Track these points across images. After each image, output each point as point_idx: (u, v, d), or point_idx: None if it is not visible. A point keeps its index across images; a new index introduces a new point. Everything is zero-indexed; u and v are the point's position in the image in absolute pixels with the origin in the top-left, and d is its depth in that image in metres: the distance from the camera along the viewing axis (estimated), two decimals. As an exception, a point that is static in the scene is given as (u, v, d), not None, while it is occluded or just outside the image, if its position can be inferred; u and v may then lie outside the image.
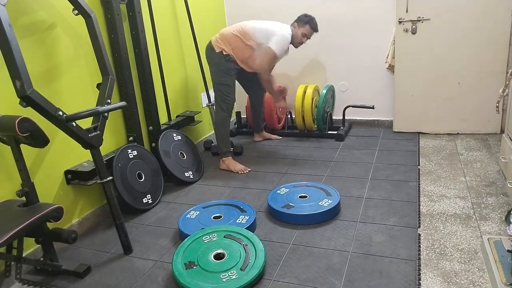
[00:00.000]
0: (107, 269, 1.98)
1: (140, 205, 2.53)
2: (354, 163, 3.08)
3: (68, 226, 2.28)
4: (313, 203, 2.35)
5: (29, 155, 2.00)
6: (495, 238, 1.83)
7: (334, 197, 2.40)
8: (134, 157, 2.58)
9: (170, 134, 3.02)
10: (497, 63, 3.25)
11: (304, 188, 2.58)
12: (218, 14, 3.99)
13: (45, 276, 1.95)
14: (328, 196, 2.43)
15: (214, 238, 2.02)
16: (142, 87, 2.83)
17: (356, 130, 3.89)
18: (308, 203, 2.36)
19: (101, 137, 1.99)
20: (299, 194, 2.49)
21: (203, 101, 3.66)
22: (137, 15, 2.68)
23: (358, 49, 3.76)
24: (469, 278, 1.69)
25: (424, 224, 2.14)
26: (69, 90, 2.27)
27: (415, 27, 3.36)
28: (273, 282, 1.78)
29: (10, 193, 1.92)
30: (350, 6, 3.67)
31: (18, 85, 1.60)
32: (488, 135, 3.40)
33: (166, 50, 3.12)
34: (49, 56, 2.15)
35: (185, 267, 1.82)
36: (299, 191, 2.53)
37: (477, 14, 3.19)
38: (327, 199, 2.39)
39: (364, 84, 3.83)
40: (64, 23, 2.23)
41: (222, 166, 3.16)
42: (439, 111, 3.50)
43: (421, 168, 2.87)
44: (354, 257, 1.91)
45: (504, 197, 2.35)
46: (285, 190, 2.56)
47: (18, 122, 1.61)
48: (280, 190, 2.57)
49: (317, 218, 2.24)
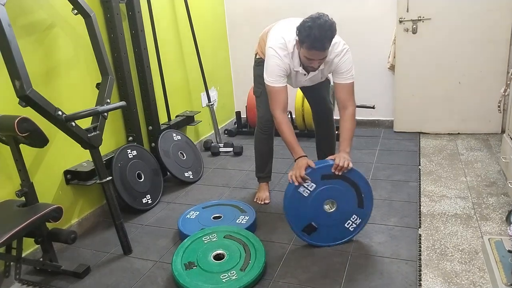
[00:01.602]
0: (106, 270, 1.98)
1: (140, 205, 2.53)
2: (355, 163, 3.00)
3: (67, 226, 2.27)
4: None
5: (29, 155, 1.99)
6: (495, 238, 1.83)
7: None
8: (133, 157, 2.58)
9: (170, 134, 3.01)
10: (498, 63, 3.24)
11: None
12: (218, 14, 3.98)
13: (45, 277, 1.95)
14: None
15: (214, 238, 2.01)
16: (142, 87, 2.82)
17: (357, 130, 3.82)
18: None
19: (100, 137, 1.98)
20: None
21: (203, 101, 3.66)
22: (136, 15, 2.67)
23: (358, 48, 3.73)
24: (470, 279, 1.69)
25: (425, 225, 2.13)
26: (69, 90, 2.26)
27: (415, 27, 3.35)
28: (273, 283, 1.78)
29: (10, 193, 1.91)
30: (351, 5, 3.66)
31: (18, 85, 1.59)
32: (489, 135, 3.39)
33: (165, 50, 3.11)
34: (49, 56, 2.14)
35: (184, 268, 1.81)
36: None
37: (478, 14, 3.19)
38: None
39: (364, 84, 3.81)
40: (63, 23, 2.22)
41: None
42: (439, 111, 3.50)
43: (421, 168, 2.86)
44: (355, 258, 1.91)
45: (505, 197, 2.34)
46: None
47: (18, 122, 1.61)
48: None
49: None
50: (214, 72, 3.83)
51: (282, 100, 2.09)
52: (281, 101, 2.09)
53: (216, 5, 3.94)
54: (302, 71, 2.10)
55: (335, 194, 1.97)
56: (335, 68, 2.09)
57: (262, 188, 2.61)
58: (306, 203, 1.95)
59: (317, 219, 1.98)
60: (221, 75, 4.02)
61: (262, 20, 3.14)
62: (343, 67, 2.08)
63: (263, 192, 2.58)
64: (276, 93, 2.09)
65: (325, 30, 1.83)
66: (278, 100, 2.09)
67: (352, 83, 2.13)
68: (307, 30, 1.85)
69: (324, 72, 2.17)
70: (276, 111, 2.10)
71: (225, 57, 4.13)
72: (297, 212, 1.97)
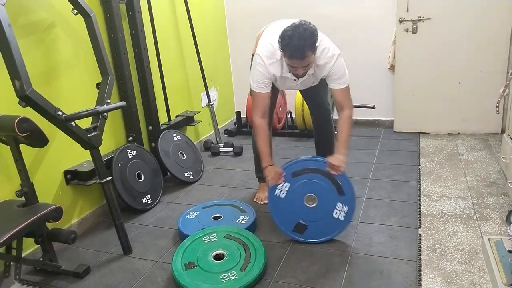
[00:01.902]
0: (106, 270, 1.98)
1: (140, 205, 2.53)
2: (355, 163, 3.07)
3: (67, 226, 2.27)
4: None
5: (29, 155, 1.99)
6: (495, 238, 1.83)
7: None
8: (133, 157, 2.58)
9: (170, 134, 3.01)
10: (498, 63, 3.24)
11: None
12: (218, 14, 3.98)
13: (45, 277, 1.95)
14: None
15: (214, 238, 2.01)
16: (142, 87, 2.82)
17: (357, 130, 3.87)
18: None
19: (100, 137, 1.98)
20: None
21: (203, 101, 3.66)
22: (136, 15, 2.67)
23: (358, 48, 3.75)
24: (470, 279, 1.69)
25: (425, 225, 2.13)
26: (69, 90, 2.26)
27: (415, 27, 3.35)
28: (273, 283, 1.78)
29: (10, 193, 1.91)
30: (351, 5, 3.65)
31: (18, 85, 1.59)
32: (489, 135, 3.39)
33: (165, 50, 3.11)
34: (49, 56, 2.14)
35: (184, 268, 1.82)
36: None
37: (478, 14, 3.19)
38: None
39: (364, 84, 3.82)
40: (63, 23, 2.22)
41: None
42: (439, 111, 3.50)
43: (421, 168, 2.86)
44: (355, 258, 1.91)
45: (505, 197, 2.34)
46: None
47: (17, 122, 1.61)
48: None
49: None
50: (214, 72, 3.83)
51: (262, 106, 2.13)
52: (262, 106, 2.13)
53: (216, 5, 3.94)
54: (291, 77, 2.08)
55: (311, 188, 2.00)
56: (328, 74, 2.09)
57: (262, 188, 2.61)
58: (287, 203, 2.02)
59: (303, 216, 2.03)
60: (221, 75, 4.02)
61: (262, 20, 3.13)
62: (335, 74, 2.08)
63: (263, 192, 2.58)
64: (257, 98, 2.13)
65: (304, 38, 1.82)
66: (258, 105, 2.14)
67: (347, 87, 2.14)
68: (287, 39, 1.84)
69: (316, 76, 2.15)
70: (255, 115, 2.15)
71: (225, 57, 4.13)
72: (283, 215, 2.04)
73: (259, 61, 2.06)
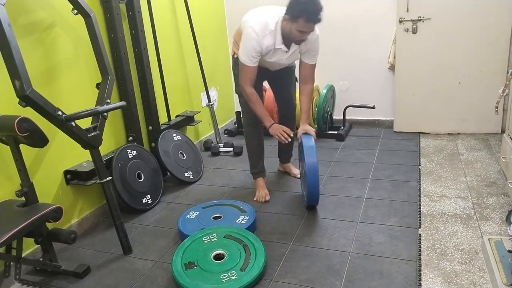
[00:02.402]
0: (106, 270, 1.98)
1: (140, 205, 2.53)
2: (355, 163, 3.07)
3: (67, 226, 2.27)
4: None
5: (28, 155, 1.99)
6: (495, 238, 1.83)
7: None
8: (133, 157, 2.58)
9: (170, 134, 3.01)
10: (498, 63, 3.24)
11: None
12: (218, 14, 3.98)
13: (45, 277, 1.95)
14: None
15: (214, 238, 2.01)
16: (142, 87, 2.82)
17: (357, 130, 3.88)
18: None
19: (100, 137, 1.98)
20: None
21: (203, 101, 3.66)
22: (136, 15, 2.67)
23: (358, 48, 3.75)
24: (470, 279, 1.69)
25: (425, 225, 2.13)
26: (69, 90, 2.26)
27: (415, 27, 3.35)
28: (273, 283, 1.78)
29: (10, 193, 1.91)
30: (351, 5, 3.66)
31: (17, 85, 1.59)
32: (489, 135, 3.39)
33: (166, 50, 3.11)
34: (49, 56, 2.14)
35: (184, 268, 1.82)
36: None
37: (478, 14, 3.19)
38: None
39: (364, 84, 3.83)
40: (63, 23, 2.22)
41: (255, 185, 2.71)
42: (439, 111, 3.50)
43: (421, 168, 2.86)
44: (355, 258, 1.91)
45: (505, 197, 2.34)
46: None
47: (17, 122, 1.61)
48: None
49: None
50: (214, 72, 3.83)
51: (251, 78, 2.32)
52: (250, 78, 2.32)
53: (216, 5, 3.94)
54: (284, 48, 2.29)
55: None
56: (309, 48, 2.36)
57: (259, 185, 2.63)
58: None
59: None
60: (221, 75, 4.02)
61: (262, 20, 3.14)
62: (315, 49, 2.38)
63: (262, 189, 2.61)
64: (247, 71, 2.30)
65: (317, 4, 2.10)
66: (249, 77, 2.32)
67: (315, 64, 2.46)
68: (302, 5, 2.09)
69: (302, 49, 2.37)
70: (246, 85, 2.33)
71: (225, 57, 4.12)
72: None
73: (252, 34, 2.20)
